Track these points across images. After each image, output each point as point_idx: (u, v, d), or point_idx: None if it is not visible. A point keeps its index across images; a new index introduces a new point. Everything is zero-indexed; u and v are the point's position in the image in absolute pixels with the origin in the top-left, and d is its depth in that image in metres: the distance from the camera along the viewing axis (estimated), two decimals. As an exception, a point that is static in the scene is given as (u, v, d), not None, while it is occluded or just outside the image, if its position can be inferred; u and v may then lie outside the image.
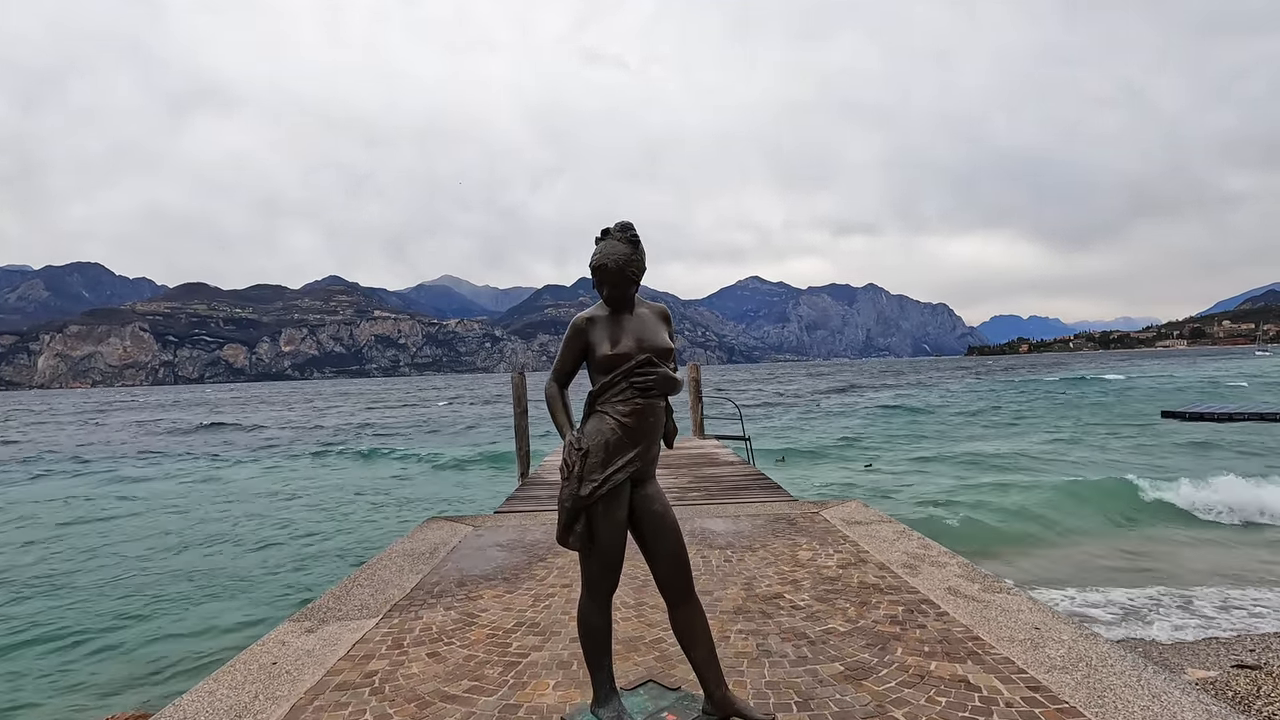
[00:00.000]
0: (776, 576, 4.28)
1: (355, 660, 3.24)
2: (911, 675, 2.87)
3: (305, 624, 3.72)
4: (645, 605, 3.84)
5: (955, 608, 3.61)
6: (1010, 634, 3.24)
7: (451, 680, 2.97)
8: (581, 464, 2.39)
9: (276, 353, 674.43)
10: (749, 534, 5.40)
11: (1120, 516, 10.99)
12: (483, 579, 4.47)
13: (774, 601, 3.83)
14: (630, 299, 2.55)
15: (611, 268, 2.44)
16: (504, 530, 5.87)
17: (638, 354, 2.46)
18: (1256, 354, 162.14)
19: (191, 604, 8.25)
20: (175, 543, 11.59)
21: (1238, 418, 24.96)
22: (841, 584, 4.09)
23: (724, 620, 3.55)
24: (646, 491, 2.55)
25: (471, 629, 3.59)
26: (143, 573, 9.67)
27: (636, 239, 2.50)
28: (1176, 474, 13.63)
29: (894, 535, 5.13)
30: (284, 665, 3.21)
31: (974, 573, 4.16)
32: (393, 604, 4.01)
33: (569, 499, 2.41)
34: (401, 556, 5.05)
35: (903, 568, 4.34)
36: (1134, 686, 2.69)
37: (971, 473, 16.29)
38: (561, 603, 3.94)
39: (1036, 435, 23.89)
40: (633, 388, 2.45)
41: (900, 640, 3.23)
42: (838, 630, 3.38)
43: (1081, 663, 2.91)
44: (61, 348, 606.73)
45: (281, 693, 2.93)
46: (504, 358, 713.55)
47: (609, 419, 2.45)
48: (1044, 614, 3.46)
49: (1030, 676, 2.81)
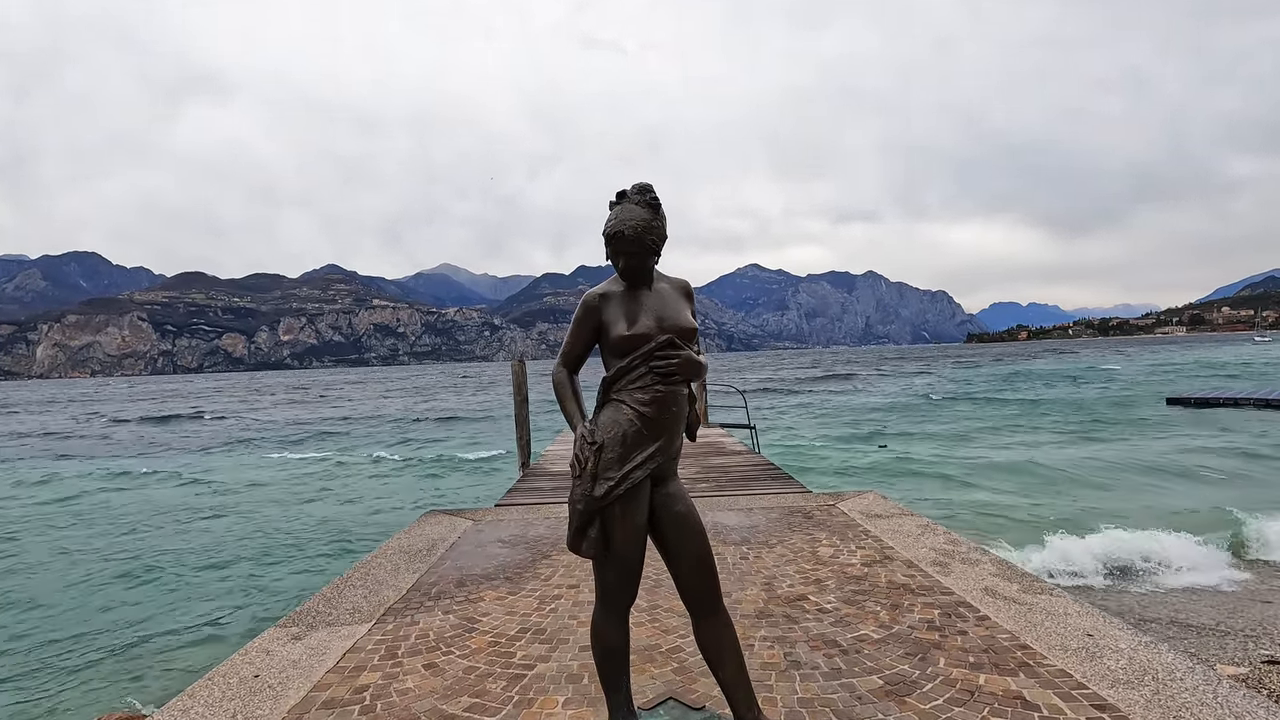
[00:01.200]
0: (798, 576, 4.00)
1: (345, 673, 2.95)
2: (960, 691, 2.59)
3: (292, 630, 3.44)
4: (659, 609, 3.56)
5: (996, 611, 3.33)
6: (1061, 641, 2.96)
7: (450, 697, 2.69)
8: (595, 460, 2.09)
9: (275, 342, 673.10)
10: (764, 529, 5.12)
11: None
12: (483, 579, 4.19)
13: (798, 604, 3.55)
14: (649, 272, 2.24)
15: (629, 235, 2.13)
16: (505, 525, 5.59)
17: (658, 335, 2.16)
18: (1255, 340, 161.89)
19: (184, 600, 7.99)
20: (163, 538, 11.33)
21: (1243, 403, 24.71)
22: (869, 584, 3.81)
23: (746, 626, 3.27)
24: (668, 490, 2.25)
25: (472, 636, 3.30)
26: (132, 568, 9.40)
27: (657, 203, 2.18)
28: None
29: (918, 530, 4.85)
30: (266, 678, 2.93)
31: (1011, 571, 3.88)
32: (387, 607, 3.73)
33: (581, 500, 2.11)
34: (397, 554, 4.77)
35: (932, 565, 4.06)
36: (1210, 705, 2.41)
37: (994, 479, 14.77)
38: (569, 605, 3.66)
39: (1046, 437, 21.28)
40: (653, 373, 2.15)
41: (941, 649, 2.95)
42: (871, 637, 3.10)
43: (1147, 676, 2.63)
44: (60, 337, 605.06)
45: (262, 711, 2.65)
46: (503, 346, 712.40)
47: (626, 409, 2.15)
48: (1095, 618, 3.17)
49: (1092, 693, 2.52)
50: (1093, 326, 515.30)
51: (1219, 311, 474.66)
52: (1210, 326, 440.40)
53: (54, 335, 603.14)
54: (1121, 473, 14.06)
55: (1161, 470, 14.10)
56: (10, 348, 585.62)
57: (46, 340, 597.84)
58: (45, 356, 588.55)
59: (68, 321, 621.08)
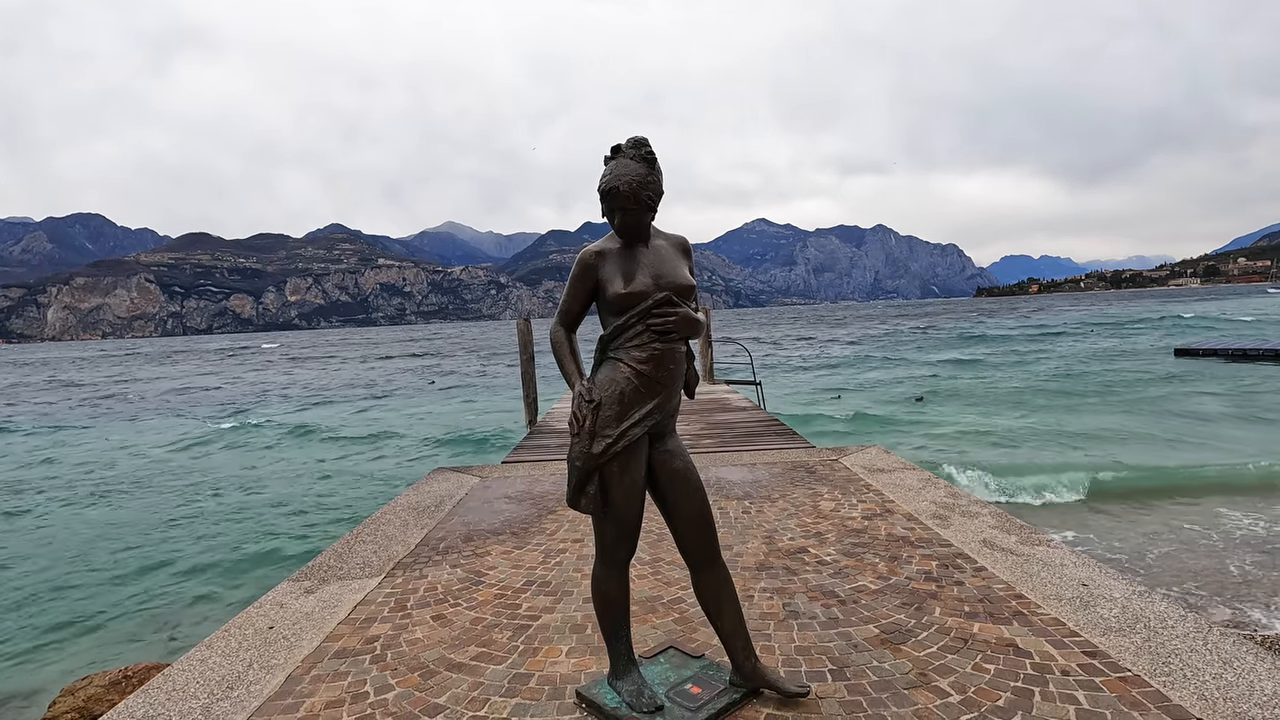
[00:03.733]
0: (799, 529, 4.06)
1: (356, 624, 3.05)
2: (954, 639, 2.65)
3: (305, 584, 3.54)
4: (661, 561, 3.63)
5: (993, 562, 3.38)
6: (1056, 591, 3.01)
7: (457, 646, 2.78)
8: (593, 418, 2.11)
9: (283, 303, 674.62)
10: (767, 483, 5.18)
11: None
12: (490, 534, 4.28)
13: (798, 556, 3.61)
14: (646, 228, 2.21)
15: (624, 190, 2.09)
16: (512, 481, 5.67)
17: (655, 292, 2.14)
18: (1269, 290, 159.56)
19: (203, 555, 8.21)
20: (185, 495, 11.58)
21: (1251, 354, 24.55)
22: (868, 537, 3.87)
23: (746, 578, 3.34)
24: (667, 447, 2.27)
25: (479, 589, 3.39)
26: (152, 524, 9.65)
27: (653, 157, 2.14)
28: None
29: (920, 484, 4.90)
30: (281, 630, 3.02)
31: (1009, 523, 3.93)
32: (396, 561, 3.82)
33: (580, 457, 2.13)
34: (406, 510, 4.86)
35: (932, 519, 4.11)
36: (1200, 651, 2.46)
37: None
38: (573, 559, 3.74)
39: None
40: (650, 330, 2.14)
41: (937, 599, 3.00)
42: (869, 588, 3.16)
43: (1139, 624, 2.67)
44: (69, 300, 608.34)
45: (277, 660, 2.74)
46: (510, 304, 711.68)
47: (623, 366, 2.15)
48: (1091, 568, 3.22)
49: (1084, 640, 2.58)
50: (1105, 279, 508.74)
51: (1234, 262, 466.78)
52: (1225, 278, 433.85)
53: (63, 298, 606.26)
54: (1127, 422, 14.10)
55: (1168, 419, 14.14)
56: (21, 311, 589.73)
57: (56, 303, 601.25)
58: (56, 319, 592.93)
59: (76, 284, 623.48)
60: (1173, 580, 5.99)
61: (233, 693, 2.52)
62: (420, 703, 2.38)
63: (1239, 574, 6.06)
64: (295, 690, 2.51)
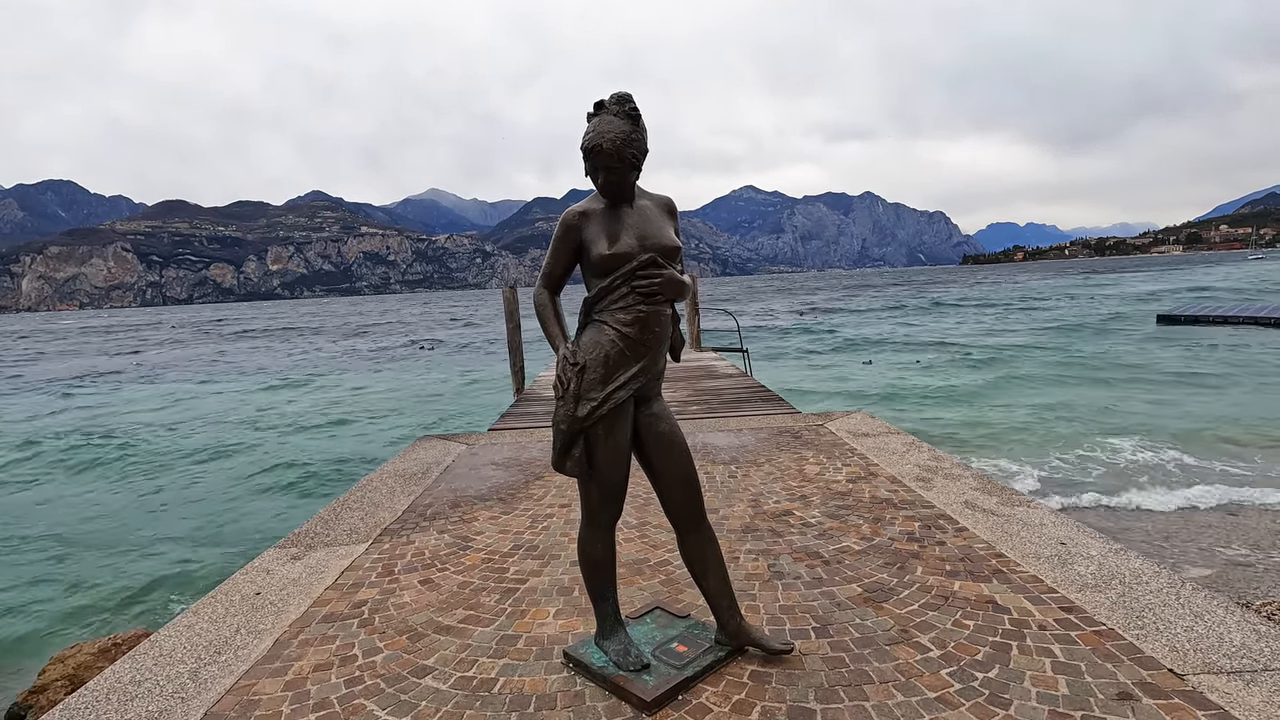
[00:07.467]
0: (784, 492, 4.10)
1: (343, 589, 3.05)
2: (935, 596, 2.70)
3: (291, 550, 3.54)
4: (648, 525, 3.66)
5: (974, 523, 3.44)
6: (1035, 550, 3.07)
7: (445, 609, 2.80)
8: (578, 381, 2.09)
9: (265, 272, 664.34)
10: (753, 448, 5.21)
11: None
12: (477, 500, 4.28)
13: (783, 519, 3.65)
14: (630, 188, 2.17)
15: (607, 149, 2.04)
16: (499, 448, 5.67)
17: (640, 253, 2.11)
18: (1250, 258, 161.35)
19: (188, 525, 8.19)
20: (164, 462, 11.51)
21: (1232, 320, 24.93)
22: (853, 499, 3.91)
23: (732, 540, 3.37)
24: (652, 410, 2.26)
25: (466, 553, 3.40)
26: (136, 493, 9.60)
27: (637, 113, 2.09)
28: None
29: (903, 447, 4.95)
30: (268, 595, 3.02)
31: (990, 485, 3.99)
32: (383, 528, 3.83)
33: (564, 420, 2.12)
34: (393, 477, 4.85)
35: (915, 481, 4.16)
36: (1173, 606, 2.52)
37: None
38: (560, 524, 3.76)
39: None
40: (635, 293, 2.11)
41: (919, 559, 3.05)
42: (852, 549, 3.21)
43: (1115, 580, 2.74)
44: (44, 269, 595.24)
45: (265, 625, 2.75)
46: (495, 273, 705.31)
47: (608, 329, 2.13)
48: (1069, 528, 3.28)
49: (1061, 596, 2.64)
50: (1089, 246, 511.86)
51: (1217, 230, 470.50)
52: (1207, 245, 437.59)
53: (38, 267, 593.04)
54: (1112, 389, 14.31)
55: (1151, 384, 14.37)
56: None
57: (31, 273, 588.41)
58: (31, 289, 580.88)
59: (50, 253, 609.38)
60: (1143, 540, 6.15)
61: (220, 657, 2.52)
62: (408, 664, 2.40)
63: (1212, 533, 6.23)
64: (283, 654, 2.52)
